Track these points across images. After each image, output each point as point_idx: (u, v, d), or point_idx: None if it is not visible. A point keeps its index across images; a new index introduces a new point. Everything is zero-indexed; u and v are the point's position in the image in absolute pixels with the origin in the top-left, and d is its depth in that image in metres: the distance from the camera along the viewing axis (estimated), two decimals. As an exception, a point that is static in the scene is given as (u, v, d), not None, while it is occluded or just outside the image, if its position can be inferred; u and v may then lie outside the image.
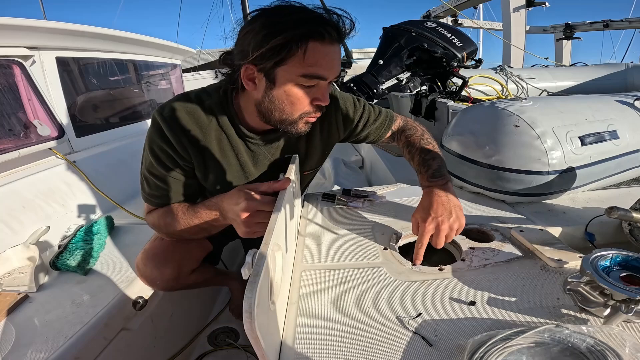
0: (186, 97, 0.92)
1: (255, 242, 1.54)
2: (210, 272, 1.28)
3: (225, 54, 0.86)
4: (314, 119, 0.86)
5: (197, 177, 0.96)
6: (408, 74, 1.77)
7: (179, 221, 0.92)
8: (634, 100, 1.27)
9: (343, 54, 2.84)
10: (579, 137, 1.06)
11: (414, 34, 1.69)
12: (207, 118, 0.90)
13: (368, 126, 1.12)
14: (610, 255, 0.66)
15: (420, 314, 0.65)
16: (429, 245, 0.88)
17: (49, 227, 1.32)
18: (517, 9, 4.98)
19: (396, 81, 1.78)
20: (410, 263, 0.81)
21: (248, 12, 4.97)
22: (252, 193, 0.79)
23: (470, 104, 1.75)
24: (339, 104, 1.06)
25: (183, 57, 2.80)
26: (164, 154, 0.89)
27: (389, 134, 1.17)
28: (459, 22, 5.88)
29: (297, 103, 0.80)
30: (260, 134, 0.95)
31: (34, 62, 1.55)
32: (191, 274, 1.12)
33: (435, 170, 0.94)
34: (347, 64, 2.92)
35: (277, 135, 0.97)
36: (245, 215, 0.77)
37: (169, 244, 1.06)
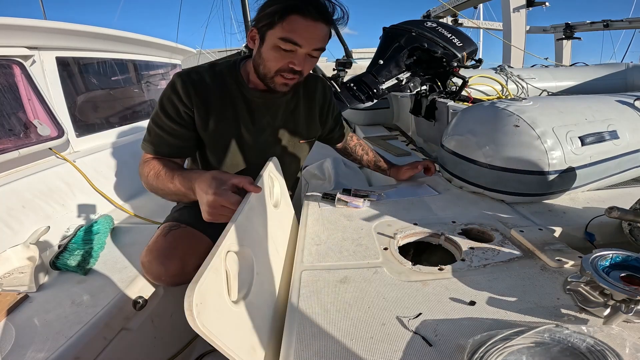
0: (202, 65, 1.12)
1: None
2: None
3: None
4: (290, 81, 1.02)
5: (196, 130, 1.10)
6: (408, 74, 1.77)
7: (157, 178, 1.02)
8: (634, 100, 1.27)
9: (343, 56, 2.84)
10: (579, 137, 1.06)
11: (414, 34, 1.68)
12: (214, 77, 1.08)
13: (333, 117, 1.34)
14: (610, 255, 0.66)
15: (420, 314, 0.65)
16: (429, 245, 0.89)
17: (49, 227, 1.31)
18: (517, 9, 4.98)
19: (396, 81, 1.78)
20: (410, 263, 0.81)
21: (248, 12, 4.97)
22: (223, 187, 0.79)
23: (470, 104, 1.75)
24: (318, 84, 1.26)
25: (183, 57, 2.80)
26: (170, 103, 1.05)
27: (348, 138, 1.44)
28: (459, 22, 5.88)
29: (274, 60, 0.98)
30: (260, 92, 1.11)
31: (34, 62, 1.54)
32: (196, 269, 1.14)
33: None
34: (347, 64, 2.92)
35: (275, 96, 1.13)
36: (209, 206, 0.78)
37: (173, 240, 1.09)
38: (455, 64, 1.65)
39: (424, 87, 1.90)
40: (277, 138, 1.19)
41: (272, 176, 1.00)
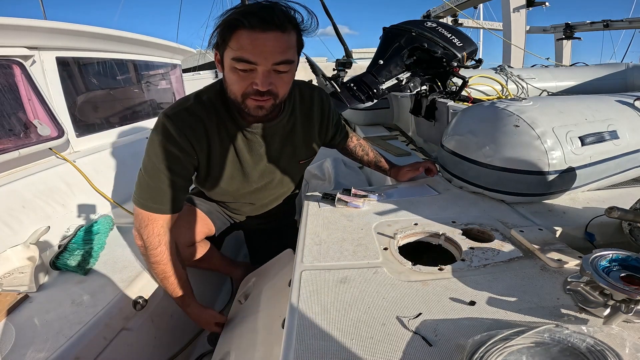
0: (186, 98, 1.02)
1: (258, 235, 1.58)
2: (217, 259, 1.31)
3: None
4: (263, 103, 0.91)
5: (191, 178, 1.04)
6: (408, 74, 1.77)
7: (164, 280, 1.05)
8: (634, 100, 1.27)
9: (343, 56, 2.85)
10: (579, 137, 1.06)
11: (414, 34, 1.68)
12: (206, 112, 0.99)
13: (333, 125, 1.27)
14: (610, 255, 0.66)
15: (420, 314, 0.65)
16: (429, 245, 0.89)
17: (49, 227, 1.32)
18: (517, 9, 4.97)
19: (396, 81, 1.77)
20: (410, 263, 0.81)
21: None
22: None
23: (470, 104, 1.75)
24: (315, 98, 1.17)
25: (183, 57, 2.80)
26: (170, 156, 0.95)
27: (349, 139, 1.38)
28: (459, 22, 5.88)
29: (235, 84, 0.89)
30: (256, 122, 1.03)
31: (34, 62, 1.54)
32: (190, 247, 1.15)
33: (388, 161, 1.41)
34: (347, 64, 2.92)
35: (271, 124, 1.05)
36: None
37: (185, 210, 1.11)
38: (455, 64, 1.65)
39: (424, 87, 1.89)
40: (275, 164, 1.15)
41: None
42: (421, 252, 0.98)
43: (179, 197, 1.02)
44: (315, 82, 2.29)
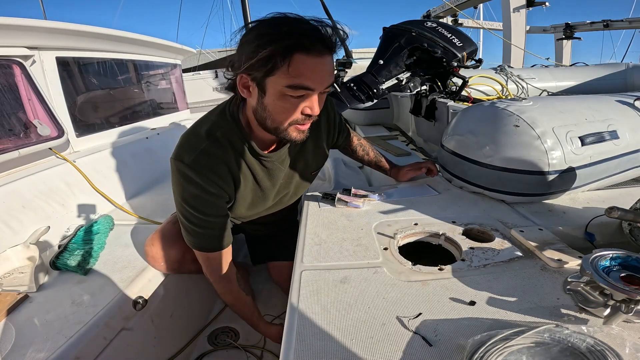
0: (196, 135, 0.94)
1: (258, 237, 1.56)
2: None
3: (227, 61, 0.88)
4: (304, 127, 0.88)
5: (229, 212, 1.03)
6: (408, 74, 1.77)
7: (235, 299, 1.13)
8: (634, 100, 1.27)
9: (343, 56, 2.85)
10: (579, 137, 1.06)
11: (414, 33, 1.68)
12: (223, 150, 0.93)
13: (338, 127, 1.23)
14: (610, 255, 0.66)
15: (420, 314, 0.65)
16: (429, 245, 0.89)
17: (49, 227, 1.31)
18: (517, 9, 4.97)
19: (396, 81, 1.77)
20: (410, 263, 0.81)
21: (248, 12, 4.97)
22: None
23: (470, 104, 1.75)
24: (326, 104, 1.11)
25: (183, 57, 2.80)
26: (202, 202, 0.93)
27: (350, 139, 1.34)
28: (459, 22, 5.88)
29: (285, 112, 0.82)
30: (272, 151, 1.02)
31: (34, 62, 1.54)
32: (195, 261, 1.15)
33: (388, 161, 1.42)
34: (347, 64, 2.92)
35: (286, 148, 1.03)
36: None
37: (175, 230, 1.11)
38: (455, 64, 1.65)
39: (424, 87, 1.89)
40: (290, 181, 1.14)
41: None
42: (421, 252, 0.98)
43: (226, 233, 1.02)
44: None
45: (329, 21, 0.80)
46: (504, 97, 2.30)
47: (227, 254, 1.05)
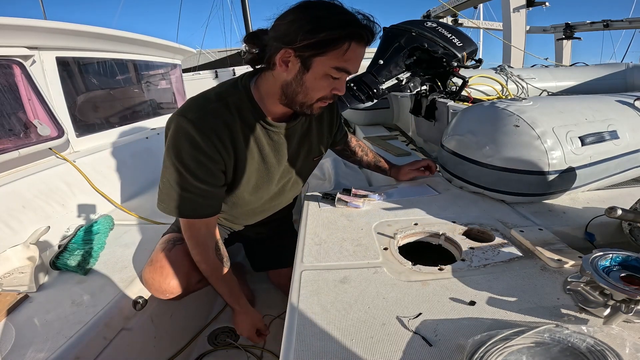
0: (205, 98, 0.95)
1: (256, 245, 1.54)
2: None
3: (252, 35, 0.93)
4: (327, 104, 0.95)
5: (225, 181, 1.00)
6: (408, 74, 1.76)
7: (211, 269, 1.06)
8: (634, 100, 1.27)
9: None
10: (579, 137, 1.06)
11: (414, 33, 1.68)
12: (231, 116, 0.94)
13: (340, 122, 1.28)
14: (610, 255, 0.66)
15: (420, 314, 0.65)
16: (429, 245, 0.89)
17: (49, 227, 1.32)
18: (517, 9, 4.97)
19: (396, 81, 1.77)
20: (410, 263, 0.81)
21: (248, 12, 4.97)
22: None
23: (470, 104, 1.75)
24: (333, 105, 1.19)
25: (183, 57, 2.80)
26: (197, 163, 0.91)
27: (348, 139, 1.38)
28: (459, 22, 5.87)
29: (321, 90, 0.89)
30: (282, 121, 1.02)
31: (34, 62, 1.55)
32: (198, 283, 1.14)
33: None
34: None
35: (296, 122, 1.05)
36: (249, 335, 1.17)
37: (176, 256, 1.07)
38: (455, 64, 1.65)
39: (424, 87, 1.89)
40: (294, 163, 1.13)
41: None
42: (421, 252, 0.98)
43: (214, 203, 0.99)
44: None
45: (366, 14, 0.87)
46: (504, 97, 2.30)
47: (210, 222, 1.02)
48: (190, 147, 0.89)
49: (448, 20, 5.80)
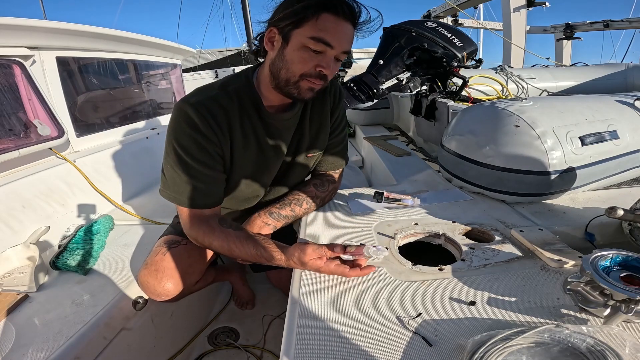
0: (209, 86, 1.00)
1: None
2: (212, 275, 1.28)
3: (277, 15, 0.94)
4: (316, 85, 0.92)
5: (221, 170, 1.00)
6: (408, 74, 1.77)
7: (234, 247, 0.93)
8: (634, 100, 1.27)
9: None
10: (579, 137, 1.06)
11: (414, 33, 1.68)
12: (230, 101, 0.96)
13: (334, 135, 1.18)
14: (610, 255, 0.66)
15: (420, 314, 0.65)
16: (429, 245, 0.88)
17: (49, 227, 1.32)
18: (517, 9, 4.97)
19: (396, 81, 1.77)
20: (410, 263, 0.81)
21: (248, 12, 4.97)
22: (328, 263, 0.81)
23: (470, 104, 1.75)
24: (337, 94, 1.15)
25: (183, 57, 2.80)
26: (194, 143, 0.92)
27: (332, 171, 1.23)
28: (459, 22, 5.88)
29: (301, 62, 0.88)
30: (280, 111, 1.03)
31: (34, 62, 1.55)
32: (195, 284, 1.14)
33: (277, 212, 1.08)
34: (347, 64, 2.92)
35: (293, 112, 1.04)
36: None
37: (172, 259, 1.06)
38: (456, 64, 1.65)
39: (424, 87, 1.89)
40: (290, 156, 1.12)
41: None
42: (421, 252, 0.98)
43: (213, 190, 0.97)
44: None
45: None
46: (504, 97, 2.30)
47: (212, 214, 0.98)
48: (188, 126, 0.91)
49: (448, 20, 5.81)
